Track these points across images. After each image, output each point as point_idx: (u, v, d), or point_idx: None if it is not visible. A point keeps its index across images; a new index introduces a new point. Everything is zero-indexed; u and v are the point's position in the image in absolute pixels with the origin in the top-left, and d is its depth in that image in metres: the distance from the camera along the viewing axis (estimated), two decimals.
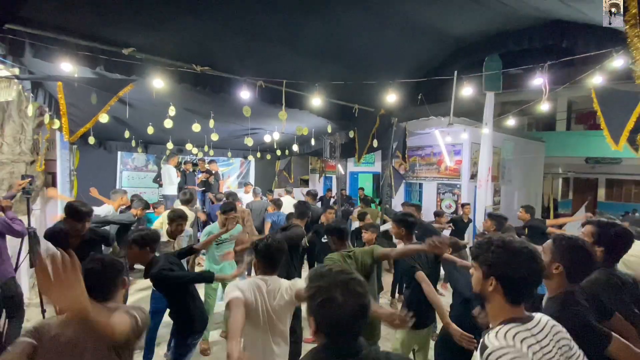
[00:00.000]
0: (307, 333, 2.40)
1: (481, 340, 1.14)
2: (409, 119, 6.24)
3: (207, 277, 2.47)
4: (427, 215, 6.22)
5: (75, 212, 2.59)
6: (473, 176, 7.24)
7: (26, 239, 3.44)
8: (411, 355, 2.90)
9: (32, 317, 3.75)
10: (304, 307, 1.24)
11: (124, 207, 4.61)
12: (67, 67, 3.19)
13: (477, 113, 6.47)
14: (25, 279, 4.20)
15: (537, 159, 10.32)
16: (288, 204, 6.07)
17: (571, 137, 11.23)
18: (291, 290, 1.86)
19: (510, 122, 6.62)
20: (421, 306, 2.44)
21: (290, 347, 1.94)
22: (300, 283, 1.93)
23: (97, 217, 3.92)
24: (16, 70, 3.85)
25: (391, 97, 4.02)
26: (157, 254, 2.46)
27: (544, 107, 4.37)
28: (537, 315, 1.20)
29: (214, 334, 3.68)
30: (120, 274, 1.52)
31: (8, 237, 3.14)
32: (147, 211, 4.87)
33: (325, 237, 3.94)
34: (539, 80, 4.08)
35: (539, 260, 1.14)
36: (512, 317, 1.14)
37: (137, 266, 3.42)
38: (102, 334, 1.19)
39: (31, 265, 3.49)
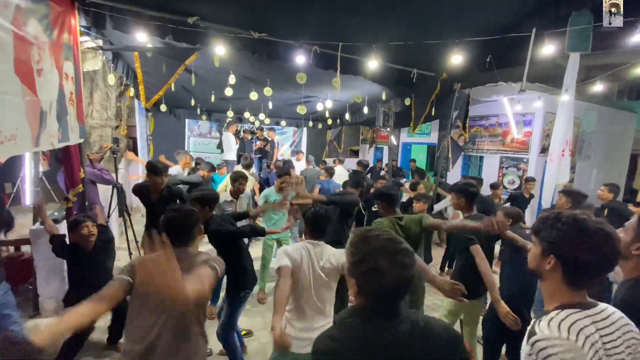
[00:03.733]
0: None
1: (531, 323, 1.03)
2: (474, 85, 5.75)
3: (260, 231, 2.68)
4: (486, 191, 5.87)
5: (153, 168, 3.02)
6: (544, 150, 6.56)
7: (115, 192, 3.99)
8: (457, 326, 2.90)
9: (121, 258, 4.42)
10: None
11: (188, 169, 5.07)
12: (142, 37, 3.46)
13: (555, 79, 5.74)
14: (115, 225, 4.92)
15: (625, 132, 8.95)
16: (339, 174, 6.15)
17: None
18: (338, 258, 1.90)
19: (597, 88, 5.77)
20: (471, 278, 2.37)
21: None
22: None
23: (171, 177, 4.39)
24: (100, 42, 4.28)
25: (456, 59, 3.70)
26: (214, 213, 2.67)
27: None
28: (604, 306, 1.05)
29: (269, 285, 4.02)
30: (197, 222, 1.65)
31: (100, 190, 3.68)
32: (212, 172, 5.30)
33: (375, 205, 3.95)
34: (638, 37, 3.46)
35: (614, 245, 0.98)
36: (571, 302, 1.01)
37: None
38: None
39: (120, 215, 4.06)
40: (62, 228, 3.26)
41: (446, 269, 4.82)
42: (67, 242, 2.62)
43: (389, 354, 0.92)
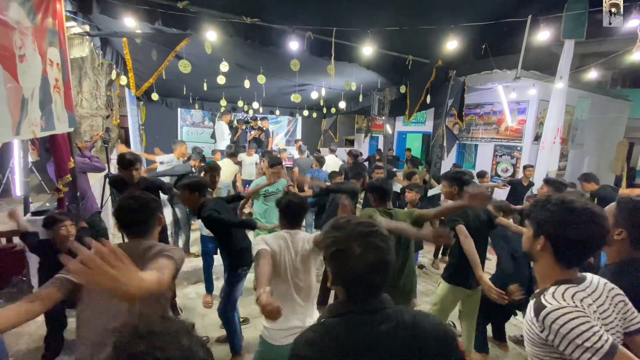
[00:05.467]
0: None
1: (534, 301, 1.06)
2: (469, 72, 5.72)
3: (251, 225, 2.69)
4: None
5: (119, 161, 2.86)
6: (537, 138, 6.60)
7: (107, 182, 3.93)
8: (456, 321, 2.94)
9: None
10: None
11: (183, 158, 5.02)
12: (130, 22, 3.35)
13: (549, 66, 5.73)
14: (110, 216, 4.86)
15: (618, 120, 9.03)
16: (330, 163, 6.14)
17: None
18: (310, 239, 1.91)
19: (591, 75, 5.77)
20: (467, 268, 2.28)
21: None
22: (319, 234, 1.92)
23: (154, 172, 4.39)
24: (87, 28, 4.15)
25: (452, 44, 3.65)
26: (208, 198, 2.65)
27: (637, 56, 3.71)
28: (589, 276, 1.13)
29: None
30: (155, 212, 1.48)
31: (92, 181, 3.61)
32: (203, 162, 5.24)
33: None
34: (633, 23, 3.45)
35: (602, 224, 1.02)
36: (565, 279, 1.07)
37: None
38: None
39: (113, 205, 4.02)
40: None
41: (439, 255, 4.87)
42: (40, 239, 2.50)
43: (369, 357, 0.85)
